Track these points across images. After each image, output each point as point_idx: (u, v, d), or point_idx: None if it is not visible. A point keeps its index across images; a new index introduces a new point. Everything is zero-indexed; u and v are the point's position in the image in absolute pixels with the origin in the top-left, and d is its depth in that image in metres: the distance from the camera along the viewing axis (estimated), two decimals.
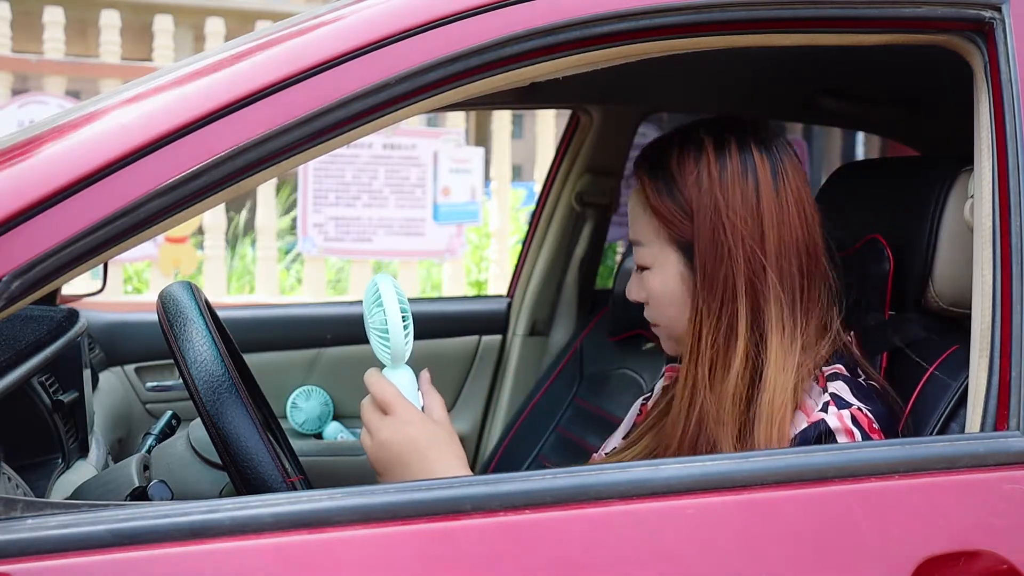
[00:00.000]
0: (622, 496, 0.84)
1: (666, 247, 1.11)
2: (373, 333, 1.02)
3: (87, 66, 5.36)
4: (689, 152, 1.10)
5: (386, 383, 1.01)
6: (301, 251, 5.22)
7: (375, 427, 1.00)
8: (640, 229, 1.14)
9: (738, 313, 1.06)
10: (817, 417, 1.02)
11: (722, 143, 1.09)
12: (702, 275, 1.07)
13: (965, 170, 1.13)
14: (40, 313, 1.39)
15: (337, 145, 0.90)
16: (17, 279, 0.78)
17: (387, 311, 0.99)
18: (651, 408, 1.25)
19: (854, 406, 1.02)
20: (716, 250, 1.06)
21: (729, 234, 1.06)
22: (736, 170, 1.07)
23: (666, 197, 1.10)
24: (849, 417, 1.01)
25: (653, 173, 1.12)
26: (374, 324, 1.02)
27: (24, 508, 0.77)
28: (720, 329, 1.06)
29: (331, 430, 2.18)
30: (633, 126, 2.27)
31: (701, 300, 1.07)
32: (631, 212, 1.17)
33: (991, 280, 0.97)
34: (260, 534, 0.78)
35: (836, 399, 1.03)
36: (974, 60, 1.02)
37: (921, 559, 0.86)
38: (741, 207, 1.06)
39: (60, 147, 0.84)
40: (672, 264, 1.11)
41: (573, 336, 2.33)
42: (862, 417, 1.01)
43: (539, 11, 0.91)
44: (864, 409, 1.02)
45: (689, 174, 1.08)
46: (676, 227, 1.10)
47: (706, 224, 1.07)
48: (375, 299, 1.02)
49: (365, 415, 1.02)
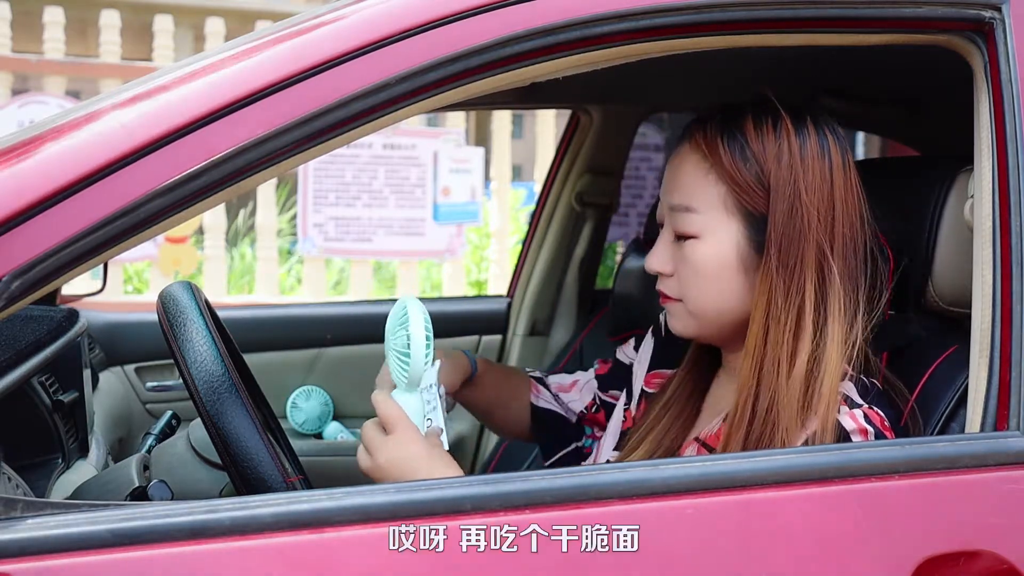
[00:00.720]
0: (622, 496, 0.84)
1: (729, 216, 1.06)
2: (393, 354, 1.02)
3: (87, 66, 5.36)
4: (767, 121, 1.05)
5: (393, 404, 1.01)
6: (301, 251, 5.22)
7: (375, 446, 1.00)
8: (695, 194, 1.07)
9: (806, 293, 1.02)
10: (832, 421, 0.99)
11: (799, 117, 1.06)
12: (777, 251, 1.03)
13: (965, 170, 1.13)
14: (40, 313, 1.39)
15: (337, 145, 0.90)
16: (17, 279, 0.78)
17: (412, 335, 0.99)
18: (642, 416, 1.22)
19: (864, 406, 1.01)
20: (793, 227, 1.02)
21: (805, 213, 1.02)
22: (814, 147, 1.04)
23: (741, 164, 1.04)
24: (862, 416, 0.99)
25: (728, 138, 1.06)
26: (396, 345, 1.02)
27: (24, 508, 0.77)
28: (791, 309, 1.03)
29: (331, 430, 2.18)
30: (633, 126, 2.27)
31: (774, 277, 1.03)
32: (680, 174, 1.09)
33: (991, 280, 0.97)
34: (260, 534, 0.78)
35: (846, 399, 1.02)
36: (974, 60, 1.02)
37: (921, 559, 0.86)
38: (819, 186, 1.03)
39: (60, 147, 0.84)
40: (731, 235, 1.05)
41: (573, 336, 2.33)
42: (874, 415, 1.00)
43: (539, 11, 0.91)
44: (875, 408, 1.01)
45: (769, 144, 1.04)
46: (749, 197, 1.04)
47: (784, 199, 1.03)
48: (401, 320, 1.01)
49: (367, 434, 1.01)
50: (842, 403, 1.01)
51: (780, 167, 1.03)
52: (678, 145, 1.12)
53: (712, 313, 1.08)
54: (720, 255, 1.06)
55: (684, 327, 1.11)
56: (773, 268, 1.03)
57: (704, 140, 1.07)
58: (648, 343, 1.32)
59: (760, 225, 1.05)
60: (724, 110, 1.09)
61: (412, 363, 0.99)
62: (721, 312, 1.08)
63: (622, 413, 1.29)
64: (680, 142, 1.12)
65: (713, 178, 1.06)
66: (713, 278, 1.06)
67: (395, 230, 5.16)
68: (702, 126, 1.08)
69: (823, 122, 1.07)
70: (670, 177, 1.11)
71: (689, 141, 1.09)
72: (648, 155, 3.29)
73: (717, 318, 1.08)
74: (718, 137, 1.06)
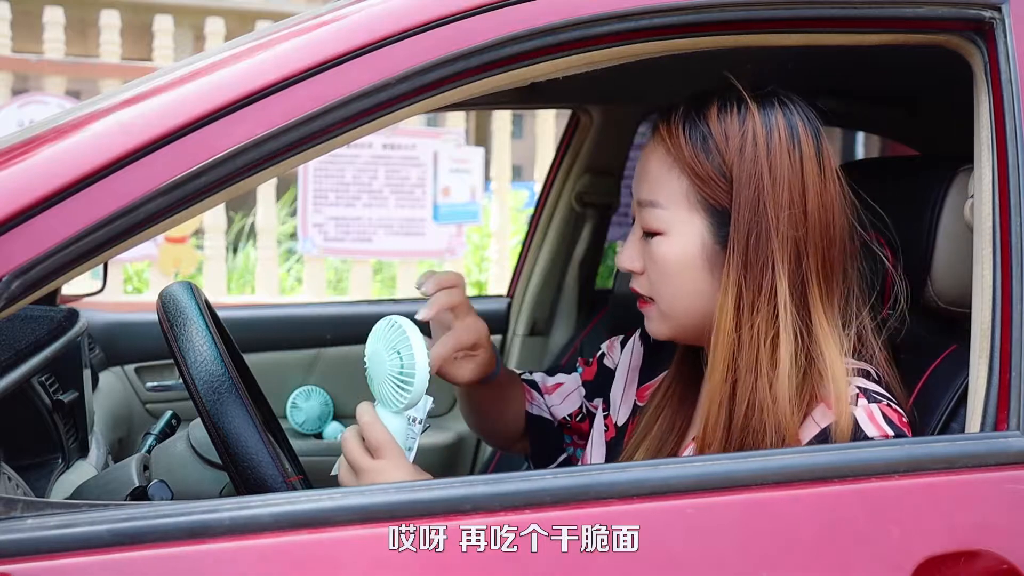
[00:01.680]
0: (622, 496, 0.84)
1: (692, 211, 1.02)
2: (389, 378, 0.97)
3: (87, 66, 5.37)
4: (731, 110, 1.02)
5: (381, 429, 0.97)
6: (301, 251, 5.22)
7: (361, 468, 0.97)
8: (659, 189, 1.03)
9: (778, 290, 0.98)
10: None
11: (768, 103, 1.02)
12: (743, 247, 0.99)
13: (965, 169, 1.13)
14: (40, 313, 1.39)
15: (337, 145, 0.90)
16: (17, 279, 0.78)
17: (416, 358, 0.96)
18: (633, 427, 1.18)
19: (883, 401, 0.98)
20: (757, 221, 0.98)
21: (772, 205, 0.98)
22: (783, 134, 1.00)
23: (703, 156, 1.01)
24: (881, 416, 0.96)
25: (690, 128, 1.02)
26: (390, 369, 0.97)
27: (24, 508, 0.77)
28: (762, 308, 0.99)
29: (331, 430, 2.18)
30: (633, 126, 2.27)
31: (742, 274, 0.99)
32: (647, 169, 1.06)
33: (991, 280, 0.97)
34: (260, 534, 0.78)
35: (865, 391, 0.98)
36: (974, 60, 1.02)
37: (921, 559, 0.86)
38: (787, 177, 0.99)
39: (60, 147, 0.84)
40: (695, 231, 1.02)
41: (573, 336, 2.33)
42: (892, 413, 0.97)
43: (539, 11, 0.91)
44: (893, 404, 0.99)
45: (732, 135, 1.00)
46: (712, 191, 1.01)
47: (749, 192, 0.99)
48: (391, 341, 0.97)
49: (351, 454, 0.98)
50: (860, 396, 0.98)
51: (743, 157, 0.99)
52: (649, 138, 1.09)
53: (681, 312, 1.05)
54: (685, 252, 1.02)
55: (658, 329, 1.08)
56: (739, 265, 0.99)
57: (667, 131, 1.04)
58: (637, 349, 1.28)
59: (723, 220, 1.01)
60: (689, 98, 1.05)
61: (415, 388, 0.96)
62: (690, 312, 1.04)
63: (603, 422, 1.25)
64: (650, 135, 1.09)
65: (676, 172, 1.02)
66: (679, 276, 1.03)
67: (395, 230, 5.16)
68: (666, 117, 1.05)
69: (795, 107, 1.03)
70: (638, 171, 1.08)
71: (655, 133, 1.06)
72: None
73: (688, 318, 1.05)
74: (680, 127, 1.03)
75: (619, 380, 1.28)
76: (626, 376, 1.27)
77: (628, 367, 1.28)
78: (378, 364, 0.99)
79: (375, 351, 1.00)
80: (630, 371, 1.27)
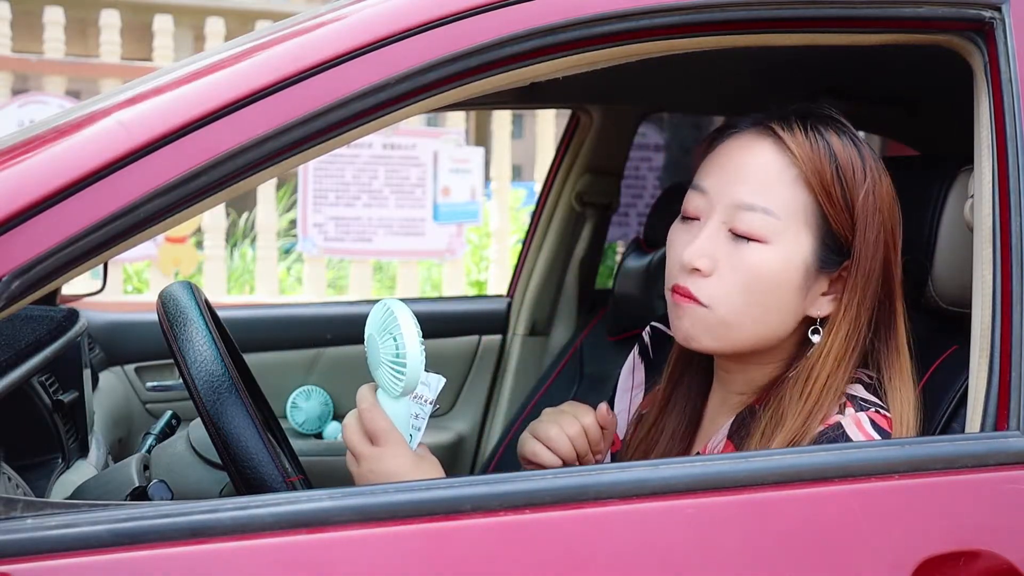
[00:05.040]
0: (622, 496, 0.84)
1: (803, 230, 1.00)
2: (384, 363, 0.95)
3: (87, 66, 5.37)
4: (847, 138, 1.03)
5: (379, 413, 0.96)
6: (301, 251, 5.22)
7: (360, 455, 0.96)
8: (775, 196, 1.00)
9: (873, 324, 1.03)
10: (833, 420, 0.99)
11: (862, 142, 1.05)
12: (862, 284, 1.01)
13: (965, 170, 1.13)
14: (40, 313, 1.39)
15: (337, 145, 0.90)
16: (17, 279, 0.78)
17: (406, 342, 0.93)
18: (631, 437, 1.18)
19: (871, 408, 1.00)
20: (876, 265, 1.02)
21: (892, 249, 1.03)
22: (885, 173, 1.04)
23: (836, 179, 1.00)
24: (869, 423, 0.98)
25: (822, 146, 1.01)
26: (385, 353, 0.95)
27: (24, 508, 0.77)
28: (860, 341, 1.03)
29: (331, 430, 2.18)
30: (633, 126, 2.27)
31: (856, 308, 1.02)
32: (756, 170, 1.01)
33: (991, 280, 0.97)
34: (260, 534, 0.78)
35: (852, 400, 1.01)
36: (974, 60, 1.02)
37: (921, 559, 0.86)
38: (893, 223, 1.04)
39: (60, 147, 0.84)
40: (802, 248, 1.00)
41: (573, 336, 2.33)
42: (881, 419, 0.99)
43: (539, 11, 0.91)
44: (883, 411, 1.00)
45: (856, 167, 1.01)
46: (837, 215, 1.00)
47: (873, 234, 1.01)
48: (386, 325, 0.96)
49: (352, 441, 0.97)
50: (848, 404, 1.00)
51: (866, 195, 1.01)
52: (735, 135, 1.05)
53: (741, 324, 1.01)
54: (785, 267, 1.00)
55: (701, 337, 1.03)
56: (855, 304, 1.02)
57: (795, 144, 1.00)
58: (638, 368, 1.27)
59: (832, 246, 1.02)
60: (802, 114, 1.04)
61: (409, 373, 0.93)
62: (753, 327, 1.01)
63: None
64: (738, 133, 1.05)
65: (802, 186, 1.00)
66: (766, 290, 1.00)
67: (395, 230, 5.16)
68: (785, 125, 1.02)
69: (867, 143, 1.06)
70: (738, 170, 1.02)
71: (771, 139, 1.02)
72: (648, 155, 3.29)
73: (742, 330, 1.01)
74: (816, 147, 1.00)
75: (622, 396, 1.28)
76: (630, 393, 1.27)
77: (631, 384, 1.27)
78: (374, 349, 0.97)
79: (371, 336, 0.98)
80: (633, 388, 1.27)
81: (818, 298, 1.03)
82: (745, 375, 1.08)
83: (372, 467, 0.96)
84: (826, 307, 1.03)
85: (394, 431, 0.96)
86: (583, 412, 1.08)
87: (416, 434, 0.99)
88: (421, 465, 0.96)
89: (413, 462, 0.96)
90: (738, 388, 1.09)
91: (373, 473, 0.95)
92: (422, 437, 0.99)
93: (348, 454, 1.00)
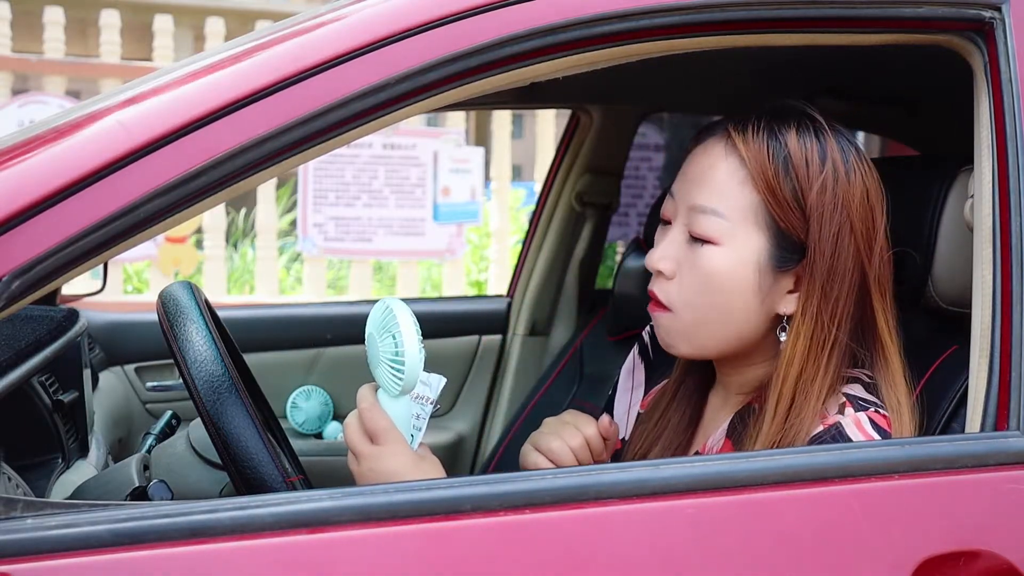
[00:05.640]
0: (622, 496, 0.84)
1: (756, 228, 1.01)
2: (383, 362, 0.96)
3: (87, 66, 5.37)
4: (810, 137, 1.01)
5: (378, 412, 0.96)
6: (301, 251, 5.22)
7: (360, 454, 0.96)
8: (724, 198, 1.01)
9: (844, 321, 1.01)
10: (832, 420, 0.99)
11: (839, 135, 1.02)
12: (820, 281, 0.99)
13: (965, 170, 1.13)
14: (40, 313, 1.39)
15: (337, 145, 0.90)
16: (17, 279, 0.78)
17: (405, 340, 0.93)
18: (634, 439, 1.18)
19: (871, 408, 1.00)
20: (835, 262, 1.00)
21: (851, 247, 1.00)
22: (856, 170, 1.01)
23: (783, 178, 0.99)
24: (868, 422, 0.98)
25: (772, 146, 1.00)
26: (385, 352, 0.96)
27: (24, 508, 0.77)
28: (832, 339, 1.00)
29: (331, 430, 2.18)
30: (633, 126, 2.27)
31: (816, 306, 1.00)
32: (710, 176, 1.03)
33: (991, 280, 0.97)
34: (260, 534, 0.78)
35: (852, 400, 1.00)
36: (974, 60, 1.02)
37: (921, 559, 0.86)
38: (863, 219, 1.01)
39: (60, 147, 0.84)
40: (753, 248, 1.01)
41: (573, 336, 2.33)
42: (880, 419, 0.99)
43: (539, 11, 0.91)
44: (882, 411, 1.00)
45: (813, 164, 0.99)
46: (784, 215, 1.00)
47: (829, 231, 0.99)
48: (385, 324, 0.96)
49: (352, 440, 0.97)
50: (848, 404, 1.00)
51: (824, 192, 0.99)
52: (703, 141, 1.06)
53: (707, 326, 1.03)
54: (737, 267, 1.01)
55: (674, 342, 1.06)
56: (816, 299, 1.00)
57: (744, 145, 1.01)
58: (638, 366, 1.27)
59: (785, 244, 1.01)
60: (765, 116, 1.03)
61: (407, 372, 0.94)
62: (715, 328, 1.03)
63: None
64: (706, 138, 1.06)
65: (750, 186, 1.01)
66: (721, 289, 1.01)
67: (395, 230, 5.16)
68: (742, 129, 1.03)
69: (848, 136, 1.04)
70: (696, 175, 1.04)
71: (725, 141, 1.03)
72: (648, 155, 3.29)
73: (710, 335, 1.03)
74: (763, 146, 1.01)
75: (622, 395, 1.28)
76: (630, 393, 1.27)
77: (631, 384, 1.27)
78: (374, 348, 0.98)
79: (371, 335, 0.99)
80: (633, 388, 1.27)
81: (784, 295, 1.03)
82: (740, 375, 1.09)
83: (372, 466, 0.96)
84: (791, 304, 1.03)
85: (394, 430, 0.96)
86: (585, 423, 1.08)
87: (417, 434, 0.99)
88: (421, 465, 0.96)
89: (413, 461, 0.96)
90: (736, 387, 1.10)
91: (373, 472, 0.96)
92: (422, 437, 0.99)
93: (349, 453, 1.00)
